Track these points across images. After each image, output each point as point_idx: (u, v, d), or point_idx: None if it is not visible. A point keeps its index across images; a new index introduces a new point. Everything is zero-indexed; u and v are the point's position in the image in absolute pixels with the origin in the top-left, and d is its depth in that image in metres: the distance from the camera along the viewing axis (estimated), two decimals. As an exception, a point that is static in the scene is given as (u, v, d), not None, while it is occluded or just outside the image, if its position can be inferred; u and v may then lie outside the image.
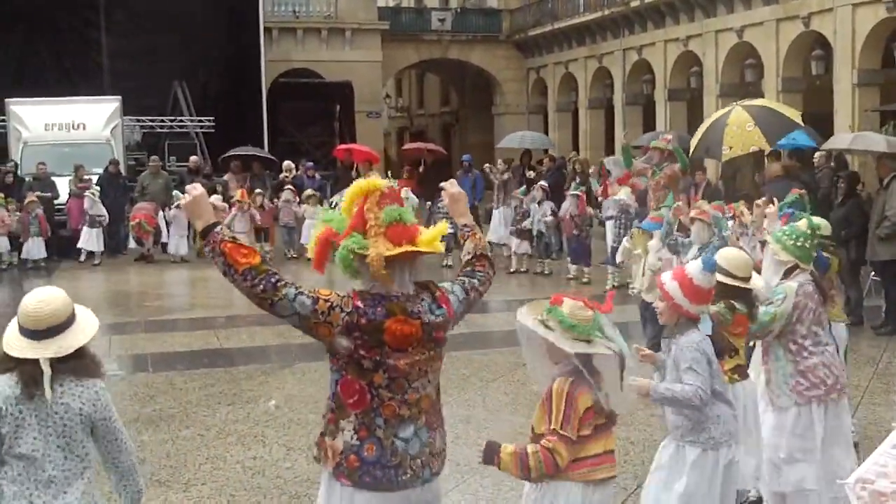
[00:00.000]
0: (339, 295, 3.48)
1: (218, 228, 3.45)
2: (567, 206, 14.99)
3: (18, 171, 19.15)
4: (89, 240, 17.47)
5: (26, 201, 17.05)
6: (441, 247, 3.59)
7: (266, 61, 28.73)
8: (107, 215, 17.64)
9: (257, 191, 18.05)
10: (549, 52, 35.43)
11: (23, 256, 16.94)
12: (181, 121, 25.49)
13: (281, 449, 6.95)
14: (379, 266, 3.40)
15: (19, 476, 3.53)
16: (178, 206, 17.73)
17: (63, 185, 18.45)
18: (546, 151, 22.40)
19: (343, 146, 21.90)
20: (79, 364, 3.61)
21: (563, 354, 3.94)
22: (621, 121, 30.24)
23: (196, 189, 3.54)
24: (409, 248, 3.46)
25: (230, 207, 17.66)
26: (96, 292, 14.89)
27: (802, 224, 5.60)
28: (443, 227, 3.63)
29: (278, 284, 3.39)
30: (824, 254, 6.34)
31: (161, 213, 18.14)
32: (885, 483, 3.40)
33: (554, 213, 15.50)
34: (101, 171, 18.94)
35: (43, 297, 3.61)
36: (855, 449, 5.81)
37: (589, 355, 3.92)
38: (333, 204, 18.01)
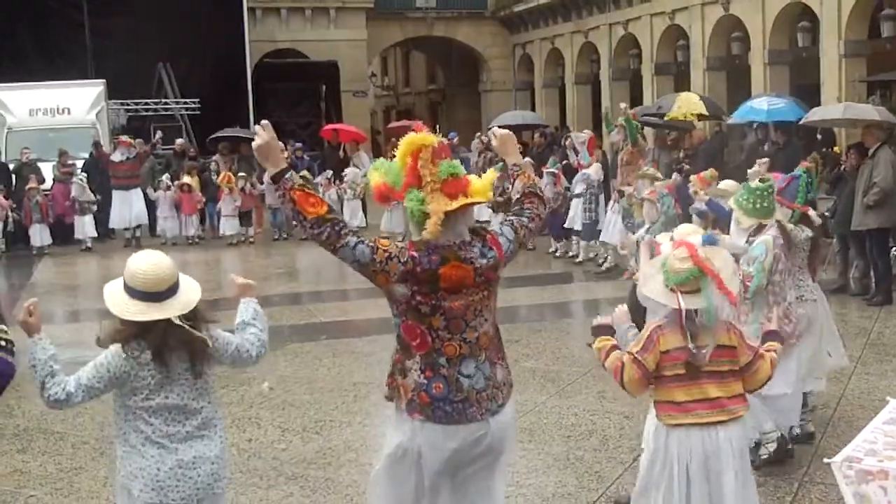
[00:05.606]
0: (397, 245, 3.65)
1: (289, 175, 3.63)
2: (543, 183, 15.00)
3: (2, 157, 18.99)
4: (83, 228, 17.32)
5: (27, 187, 16.90)
6: (491, 194, 3.78)
7: (250, 42, 28.52)
8: (95, 199, 17.49)
9: (240, 174, 17.93)
10: (535, 28, 35.25)
11: (31, 244, 16.88)
12: (166, 103, 25.29)
13: (276, 430, 6.95)
14: (438, 222, 3.55)
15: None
16: (168, 188, 17.66)
17: (48, 171, 18.31)
18: (535, 129, 22.28)
19: (330, 126, 21.87)
20: (196, 319, 3.70)
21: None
22: (608, 96, 30.17)
23: (268, 131, 3.67)
24: (466, 201, 3.64)
25: (217, 189, 17.63)
26: (88, 277, 14.82)
27: (752, 185, 5.85)
28: (492, 175, 3.81)
29: (341, 233, 3.59)
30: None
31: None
32: (873, 461, 3.35)
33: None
34: (86, 155, 18.79)
35: (153, 260, 3.68)
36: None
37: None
38: (318, 185, 18.03)
